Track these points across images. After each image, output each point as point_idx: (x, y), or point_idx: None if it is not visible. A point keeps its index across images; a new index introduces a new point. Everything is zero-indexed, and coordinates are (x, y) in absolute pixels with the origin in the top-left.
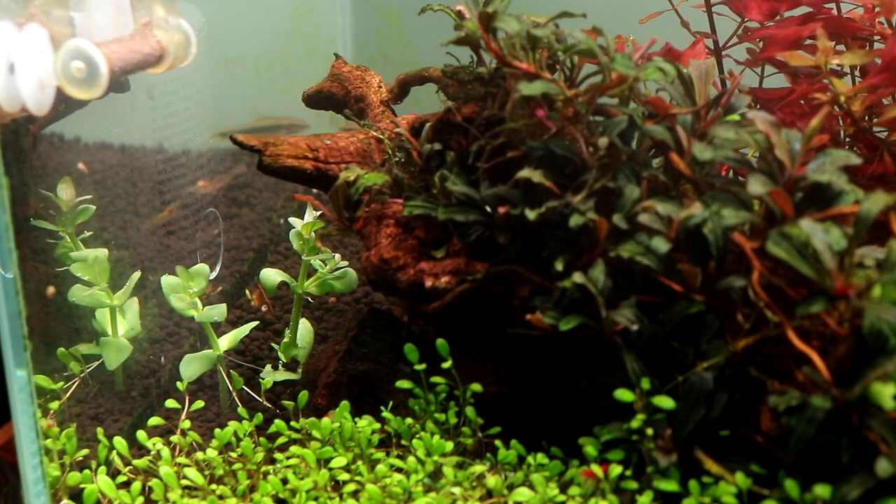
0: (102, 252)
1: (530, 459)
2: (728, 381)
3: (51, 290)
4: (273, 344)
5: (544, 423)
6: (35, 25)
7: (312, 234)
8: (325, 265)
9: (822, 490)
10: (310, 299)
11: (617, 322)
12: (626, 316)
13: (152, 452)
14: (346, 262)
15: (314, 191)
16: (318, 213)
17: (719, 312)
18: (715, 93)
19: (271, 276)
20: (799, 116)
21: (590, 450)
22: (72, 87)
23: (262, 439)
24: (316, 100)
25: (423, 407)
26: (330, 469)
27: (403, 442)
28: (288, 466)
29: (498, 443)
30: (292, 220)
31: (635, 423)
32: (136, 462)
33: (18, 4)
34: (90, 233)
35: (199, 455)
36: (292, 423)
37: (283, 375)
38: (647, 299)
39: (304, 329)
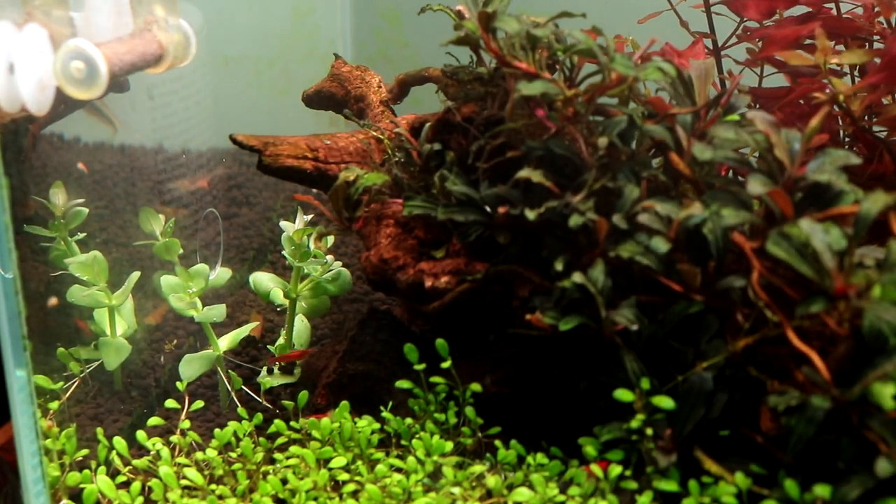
0: (96, 255)
1: (530, 459)
2: (728, 381)
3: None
4: (269, 346)
5: (544, 423)
6: (35, 25)
7: (305, 238)
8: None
9: (821, 490)
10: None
11: (617, 322)
12: (625, 316)
13: (152, 452)
14: (339, 263)
15: (314, 191)
16: (311, 216)
17: (719, 312)
18: (714, 93)
19: (264, 282)
20: (798, 116)
21: (589, 450)
22: (71, 87)
23: (261, 439)
24: (316, 100)
25: (422, 407)
26: (329, 469)
27: (403, 442)
28: (287, 466)
29: (498, 443)
30: (284, 224)
31: (635, 423)
32: (135, 462)
33: (18, 4)
34: (83, 234)
35: (199, 455)
36: (292, 423)
37: (279, 380)
38: (647, 299)
39: (302, 328)
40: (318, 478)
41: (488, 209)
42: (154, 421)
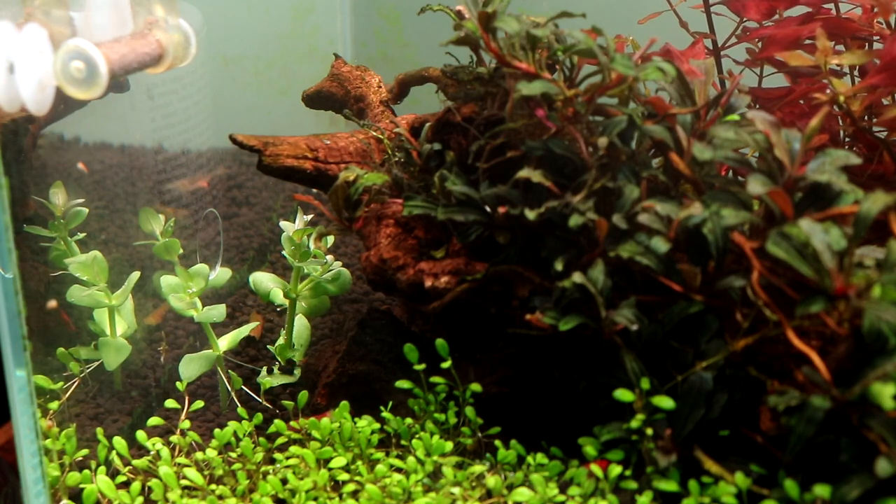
0: (96, 255)
1: (530, 459)
2: (728, 381)
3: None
4: (269, 346)
5: (544, 423)
6: (34, 25)
7: (305, 238)
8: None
9: (821, 490)
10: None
11: (616, 322)
12: (625, 316)
13: (152, 452)
14: (339, 263)
15: (314, 191)
16: (311, 216)
17: (719, 312)
18: (714, 93)
19: (264, 282)
20: (798, 116)
21: (589, 450)
22: (71, 87)
23: (261, 439)
24: (315, 100)
25: (422, 407)
26: (329, 469)
27: (403, 442)
28: (287, 466)
29: (497, 443)
30: (284, 224)
31: (635, 423)
32: (135, 462)
33: (18, 4)
34: (83, 234)
35: (199, 455)
36: (292, 423)
37: (279, 380)
38: (647, 299)
39: (301, 327)
40: (318, 478)
41: (488, 209)
42: (154, 421)
